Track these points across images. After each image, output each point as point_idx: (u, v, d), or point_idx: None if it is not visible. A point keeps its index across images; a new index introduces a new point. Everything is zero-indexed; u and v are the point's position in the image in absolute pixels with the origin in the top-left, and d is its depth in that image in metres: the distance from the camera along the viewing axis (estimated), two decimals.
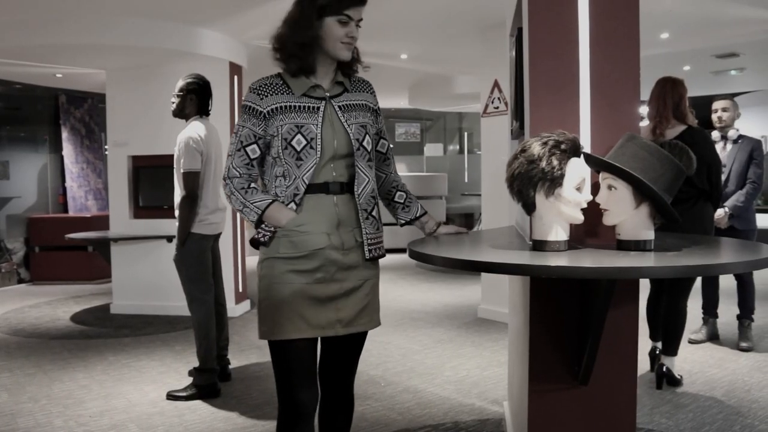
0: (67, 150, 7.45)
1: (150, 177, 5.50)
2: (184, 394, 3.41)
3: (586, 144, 1.85)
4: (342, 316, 1.86)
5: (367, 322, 1.93)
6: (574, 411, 1.90)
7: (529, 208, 1.70)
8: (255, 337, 4.65)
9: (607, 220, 1.71)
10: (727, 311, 4.49)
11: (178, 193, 3.43)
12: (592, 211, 1.76)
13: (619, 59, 1.85)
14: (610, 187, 1.69)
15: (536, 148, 1.65)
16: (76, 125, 7.51)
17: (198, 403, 3.34)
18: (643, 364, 3.82)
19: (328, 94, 1.86)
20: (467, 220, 10.39)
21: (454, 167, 10.78)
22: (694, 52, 6.04)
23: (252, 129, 1.83)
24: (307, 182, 1.79)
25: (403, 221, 2.10)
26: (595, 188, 1.78)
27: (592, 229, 1.85)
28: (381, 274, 2.02)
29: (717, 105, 4.23)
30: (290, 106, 1.81)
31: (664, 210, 1.65)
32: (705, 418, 3.02)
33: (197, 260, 3.46)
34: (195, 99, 3.49)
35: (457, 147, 11.79)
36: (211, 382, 3.44)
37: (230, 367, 3.80)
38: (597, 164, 1.71)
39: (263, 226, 1.83)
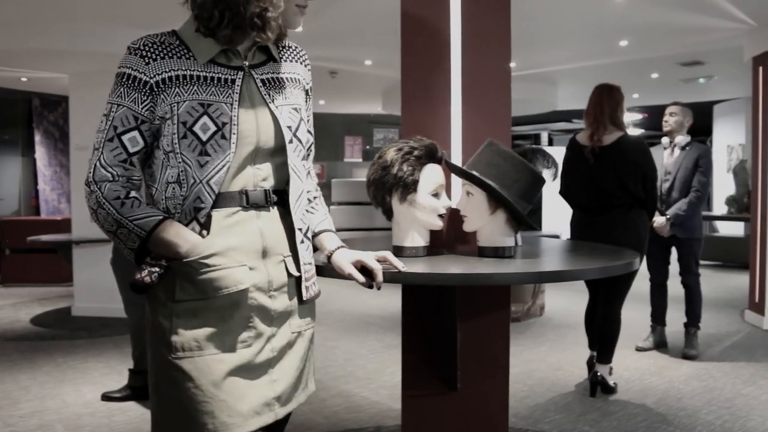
0: (40, 153, 7.54)
1: None
2: (118, 395, 3.44)
3: (456, 150, 1.88)
4: (279, 389, 1.32)
5: (301, 392, 1.41)
6: (446, 416, 1.92)
7: (388, 213, 1.73)
8: None
9: (466, 226, 1.73)
10: (679, 320, 4.47)
11: None
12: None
13: (491, 66, 1.87)
14: (468, 194, 1.71)
15: (390, 154, 1.67)
16: (50, 128, 7.60)
17: (131, 405, 3.37)
18: (582, 371, 3.83)
19: (246, 63, 1.32)
20: None
21: None
22: (659, 59, 6.06)
23: (132, 108, 1.25)
24: (216, 189, 1.25)
25: None
26: None
27: (464, 235, 1.87)
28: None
29: (667, 110, 4.22)
30: (191, 77, 1.26)
31: (518, 217, 1.67)
32: (628, 426, 3.03)
33: (133, 264, 3.50)
34: None
35: None
36: (145, 384, 3.46)
37: None
38: (452, 170, 1.73)
39: (149, 258, 1.25)
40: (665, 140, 4.24)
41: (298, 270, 1.34)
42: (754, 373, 3.80)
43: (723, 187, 9.29)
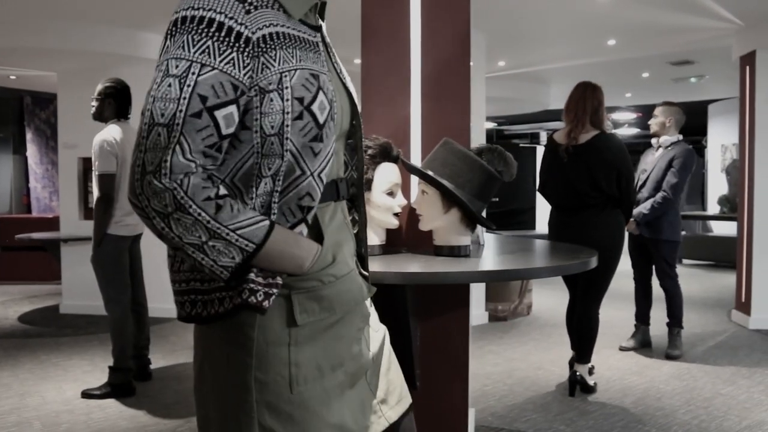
0: (32, 151, 7.55)
1: None
2: (98, 392, 3.45)
3: (416, 148, 1.88)
4: (381, 395, 1.16)
5: (404, 389, 1.25)
6: None
7: None
8: (192, 340, 4.69)
9: (422, 225, 1.74)
10: (665, 319, 4.47)
11: (95, 195, 3.50)
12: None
13: (450, 65, 1.87)
14: (423, 192, 1.71)
15: None
16: (41, 126, 7.61)
17: (110, 402, 3.38)
18: (564, 370, 3.82)
19: (321, 23, 1.09)
20: None
21: None
22: (648, 58, 6.04)
23: (229, 73, 0.91)
24: (325, 182, 1.02)
25: None
26: None
27: (424, 234, 1.87)
28: None
29: (654, 112, 4.21)
30: (288, 36, 0.98)
31: (472, 215, 1.67)
32: (604, 426, 3.02)
33: (113, 261, 3.51)
34: (113, 103, 3.55)
35: None
36: (125, 381, 3.47)
37: (153, 366, 3.85)
38: (407, 169, 1.73)
39: (253, 274, 0.95)
40: (654, 141, 4.22)
41: (367, 269, 1.20)
42: (735, 373, 3.80)
43: (718, 186, 9.27)
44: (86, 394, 3.44)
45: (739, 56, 4.96)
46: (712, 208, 9.32)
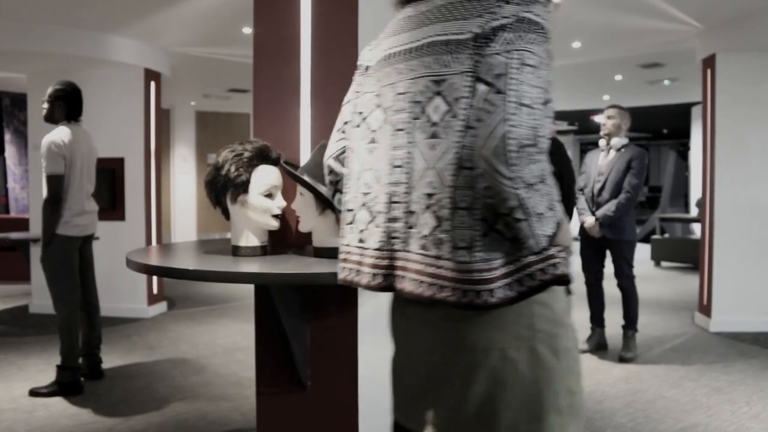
0: (10, 152, 7.61)
1: None
2: (45, 390, 3.49)
3: (306, 152, 1.90)
4: None
5: None
6: (298, 413, 1.95)
7: (225, 214, 1.75)
8: (153, 340, 4.73)
9: (301, 226, 1.76)
10: (621, 322, 4.46)
11: (43, 195, 3.54)
12: None
13: (340, 67, 1.89)
14: (300, 194, 1.74)
15: (223, 155, 1.70)
16: (20, 127, 7.67)
17: (57, 400, 3.41)
18: None
19: None
20: None
21: None
22: (617, 61, 6.04)
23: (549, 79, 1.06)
24: None
25: None
26: None
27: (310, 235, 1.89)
28: None
29: (605, 113, 4.23)
30: None
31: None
32: None
33: (62, 261, 3.55)
34: (63, 105, 3.59)
35: None
36: (73, 380, 3.51)
37: (109, 365, 3.90)
38: (284, 172, 1.76)
39: (555, 249, 1.02)
40: (602, 142, 4.25)
41: None
42: (684, 376, 3.79)
43: (700, 189, 9.24)
44: (33, 393, 3.48)
45: (701, 59, 4.95)
46: (695, 210, 9.29)
